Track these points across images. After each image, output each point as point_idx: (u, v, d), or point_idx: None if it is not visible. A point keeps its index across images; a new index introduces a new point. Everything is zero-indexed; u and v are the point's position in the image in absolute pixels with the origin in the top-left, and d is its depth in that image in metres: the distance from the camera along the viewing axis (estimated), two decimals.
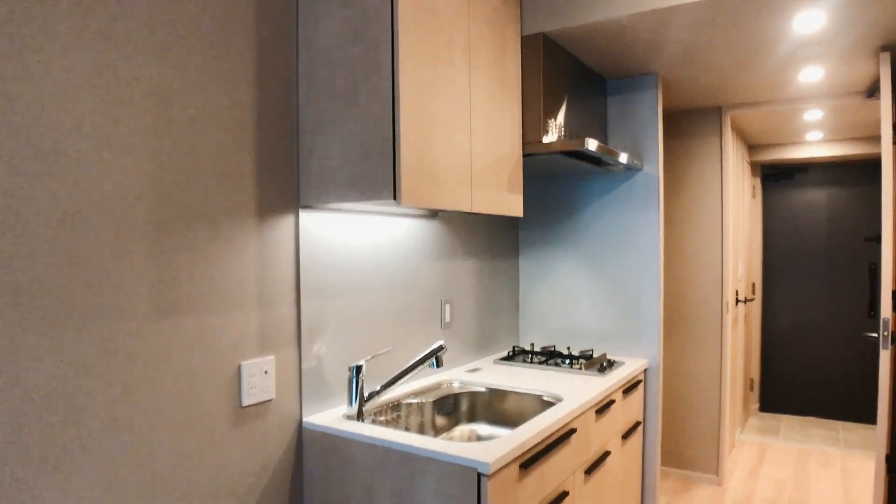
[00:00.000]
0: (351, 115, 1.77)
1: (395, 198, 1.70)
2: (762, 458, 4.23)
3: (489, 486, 1.57)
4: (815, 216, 5.19)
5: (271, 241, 1.80)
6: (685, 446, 3.83)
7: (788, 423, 5.12)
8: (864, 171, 5.00)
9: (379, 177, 1.73)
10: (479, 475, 1.57)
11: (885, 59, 2.55)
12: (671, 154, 3.85)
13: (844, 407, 5.13)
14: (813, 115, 3.79)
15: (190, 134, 1.58)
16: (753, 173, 5.17)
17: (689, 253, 3.79)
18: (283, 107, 1.84)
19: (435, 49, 1.86)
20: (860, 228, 5.02)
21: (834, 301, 5.14)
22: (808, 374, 5.26)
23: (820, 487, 3.73)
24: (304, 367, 1.91)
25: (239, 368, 1.70)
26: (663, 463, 3.91)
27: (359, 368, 1.96)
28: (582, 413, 2.13)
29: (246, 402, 1.72)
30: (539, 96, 2.42)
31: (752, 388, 5.27)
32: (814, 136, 4.53)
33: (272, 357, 1.80)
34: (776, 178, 5.29)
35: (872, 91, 3.17)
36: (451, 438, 2.36)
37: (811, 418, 5.23)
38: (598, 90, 2.97)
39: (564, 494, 2.01)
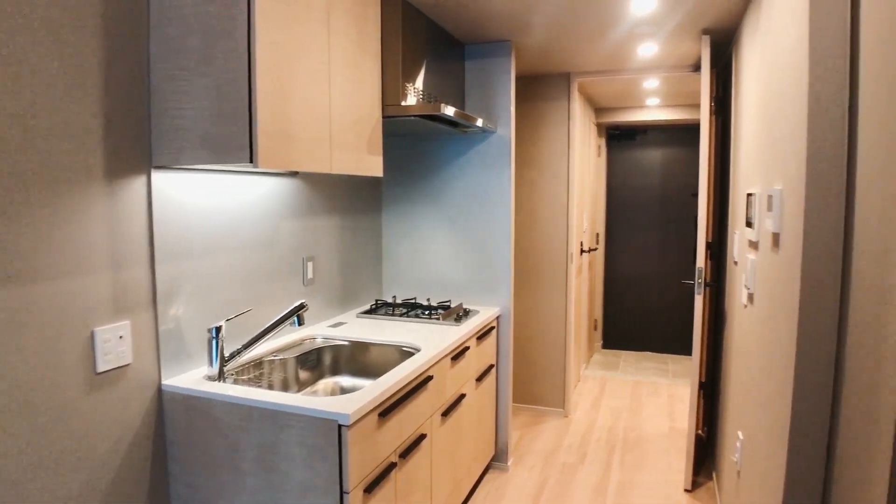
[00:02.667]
0: (205, 75, 1.74)
1: (251, 160, 1.72)
2: (603, 391, 4.73)
3: (349, 436, 1.69)
4: (652, 173, 5.71)
5: (122, 202, 1.76)
6: (536, 384, 4.19)
7: (627, 358, 5.72)
8: (694, 134, 5.54)
9: (235, 139, 1.73)
10: (339, 426, 1.68)
11: (706, 41, 2.86)
12: (524, 116, 4.07)
13: (673, 342, 5.81)
14: (650, 83, 4.15)
15: (28, 92, 1.50)
16: (599, 134, 5.56)
17: (539, 208, 4.07)
18: (132, 63, 1.77)
19: (293, 11, 1.86)
20: (690, 185, 5.60)
21: (666, 249, 5.74)
22: (644, 314, 5.88)
23: (650, 413, 4.26)
24: (161, 329, 1.90)
25: (92, 335, 1.68)
26: (517, 400, 4.26)
27: (218, 329, 1.98)
28: (438, 361, 2.30)
29: (101, 368, 1.70)
30: (398, 60, 2.48)
31: (596, 328, 5.80)
32: (652, 101, 4.96)
33: (127, 322, 1.78)
34: (619, 138, 5.74)
35: (697, 66, 3.54)
36: (314, 392, 2.45)
37: (646, 353, 5.87)
38: (457, 54, 3.08)
39: (422, 437, 2.18)
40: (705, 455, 3.56)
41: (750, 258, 2.15)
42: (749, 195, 2.18)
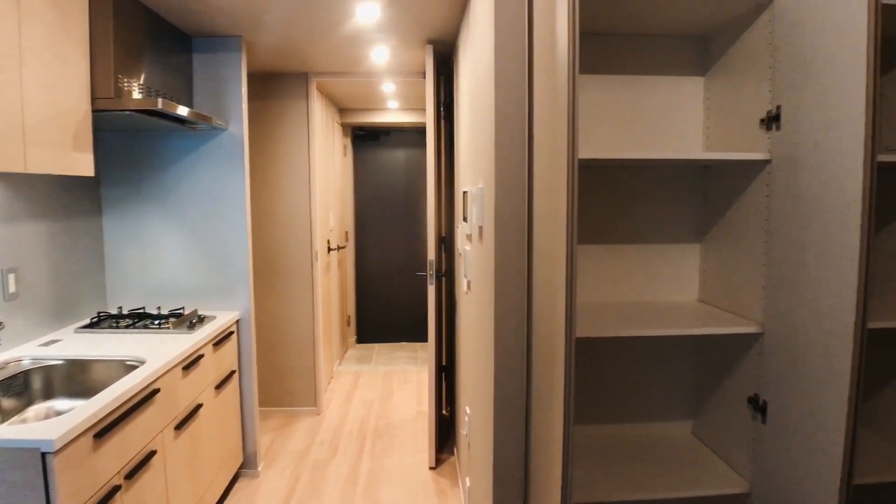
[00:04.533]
0: None
1: None
2: (356, 384, 4.85)
3: (56, 464, 1.53)
4: (397, 172, 5.99)
5: None
6: (287, 385, 4.16)
7: (380, 350, 5.94)
8: None
9: None
10: (43, 454, 1.52)
11: (429, 50, 3.10)
12: (261, 115, 4.00)
13: (423, 331, 6.16)
14: (388, 87, 4.34)
15: None
16: (345, 134, 5.68)
17: (280, 208, 4.04)
18: None
19: None
20: None
21: (413, 244, 6.07)
22: (395, 306, 6.15)
23: (399, 400, 4.48)
24: None
25: None
26: (268, 404, 4.19)
27: None
28: (166, 372, 2.18)
29: None
30: (110, 50, 2.29)
31: (349, 324, 5.92)
32: (393, 104, 5.20)
33: None
34: (364, 138, 5.93)
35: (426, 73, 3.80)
36: (23, 420, 2.16)
37: (399, 343, 6.15)
38: (183, 47, 2.92)
39: (153, 454, 2.05)
40: (449, 433, 3.86)
41: (467, 249, 2.39)
42: (465, 193, 2.42)
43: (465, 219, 2.42)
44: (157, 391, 2.08)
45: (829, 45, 1.29)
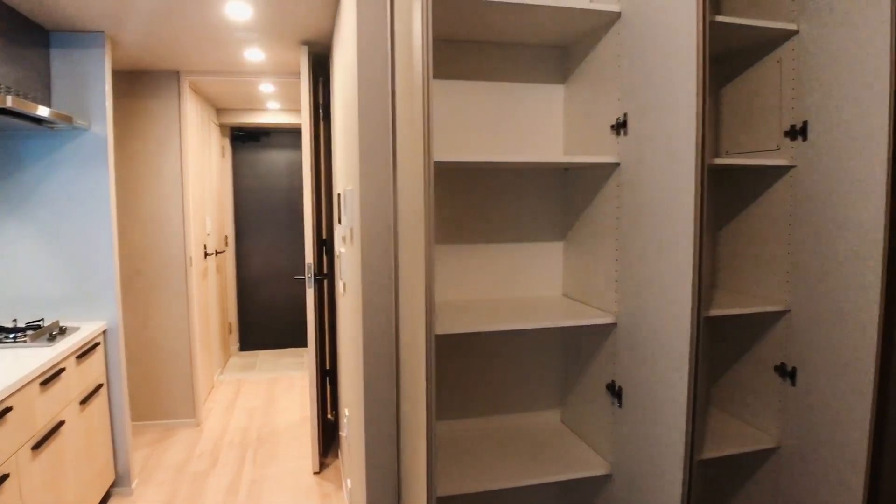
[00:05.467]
0: None
1: None
2: (239, 393, 4.72)
3: None
4: (278, 174, 5.88)
5: None
6: (162, 398, 3.98)
7: (264, 357, 5.80)
8: None
9: None
10: None
11: (304, 51, 3.09)
12: (129, 114, 3.81)
13: (307, 336, 6.07)
14: (266, 87, 4.27)
15: None
16: (223, 134, 5.51)
17: (150, 212, 3.86)
18: None
19: None
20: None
21: (296, 247, 5.97)
22: (278, 312, 6.02)
23: (283, 406, 4.40)
24: None
25: None
26: (143, 418, 3.98)
27: None
28: (20, 388, 2.04)
29: None
30: None
31: (231, 332, 5.74)
32: (273, 105, 5.10)
33: None
34: (244, 139, 5.77)
35: None
36: None
37: (285, 349, 6.03)
38: (40, 42, 2.73)
39: (5, 477, 1.91)
40: (335, 437, 3.84)
41: (342, 251, 2.41)
42: (339, 195, 2.44)
43: (339, 221, 2.44)
44: (8, 409, 1.94)
45: (665, 57, 1.43)
